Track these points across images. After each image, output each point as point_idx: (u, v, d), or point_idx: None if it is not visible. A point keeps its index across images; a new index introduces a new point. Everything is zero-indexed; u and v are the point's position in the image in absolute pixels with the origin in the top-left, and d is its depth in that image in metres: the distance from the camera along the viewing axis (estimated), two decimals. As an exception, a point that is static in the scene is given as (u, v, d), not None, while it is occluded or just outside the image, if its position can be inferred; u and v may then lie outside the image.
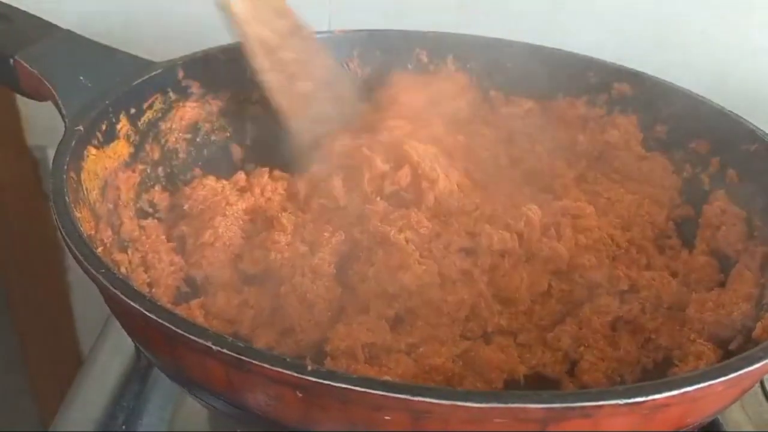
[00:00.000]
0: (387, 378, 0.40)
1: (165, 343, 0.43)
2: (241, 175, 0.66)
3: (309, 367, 0.37)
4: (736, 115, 0.64)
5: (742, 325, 0.53)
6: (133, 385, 0.62)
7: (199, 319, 0.55)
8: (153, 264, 0.58)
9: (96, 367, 0.65)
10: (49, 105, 0.59)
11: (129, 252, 0.57)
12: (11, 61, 0.60)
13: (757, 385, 0.66)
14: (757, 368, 0.41)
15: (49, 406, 1.01)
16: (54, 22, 0.65)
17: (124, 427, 0.59)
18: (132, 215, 0.59)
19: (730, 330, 0.54)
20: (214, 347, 0.39)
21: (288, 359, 0.38)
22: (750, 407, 0.64)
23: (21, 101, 0.92)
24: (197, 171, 0.67)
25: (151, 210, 0.62)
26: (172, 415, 0.63)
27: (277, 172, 0.67)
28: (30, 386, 1.08)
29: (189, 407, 0.63)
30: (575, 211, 0.63)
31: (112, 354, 0.66)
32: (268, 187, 0.65)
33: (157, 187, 0.63)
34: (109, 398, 0.62)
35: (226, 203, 0.62)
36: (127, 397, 0.61)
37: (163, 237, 0.60)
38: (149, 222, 0.60)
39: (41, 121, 0.91)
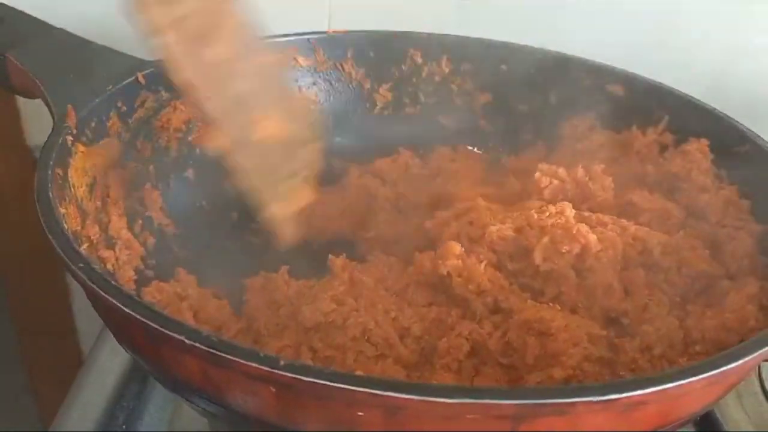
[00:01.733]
0: (359, 372, 0.39)
1: (144, 340, 0.43)
2: None
3: (281, 362, 0.36)
4: None
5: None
6: (133, 385, 0.62)
7: (190, 321, 0.54)
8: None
9: (96, 367, 0.65)
10: (49, 104, 0.59)
11: (116, 249, 0.56)
12: (2, 58, 0.60)
13: (757, 385, 0.66)
14: (738, 365, 0.40)
15: (49, 406, 1.00)
16: (49, 22, 0.65)
17: (124, 427, 0.59)
18: (120, 213, 0.59)
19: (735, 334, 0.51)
20: (187, 341, 0.38)
21: (261, 353, 0.37)
22: (750, 407, 0.64)
23: (21, 101, 0.91)
24: (189, 171, 0.67)
25: (141, 208, 0.62)
26: (172, 415, 0.62)
27: None
28: (30, 386, 1.08)
29: (189, 407, 0.63)
30: None
31: (112, 354, 0.66)
32: None
33: (147, 185, 0.63)
34: (109, 398, 0.61)
35: None
36: (127, 397, 0.61)
37: (152, 238, 0.60)
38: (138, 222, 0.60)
39: (41, 121, 0.91)
